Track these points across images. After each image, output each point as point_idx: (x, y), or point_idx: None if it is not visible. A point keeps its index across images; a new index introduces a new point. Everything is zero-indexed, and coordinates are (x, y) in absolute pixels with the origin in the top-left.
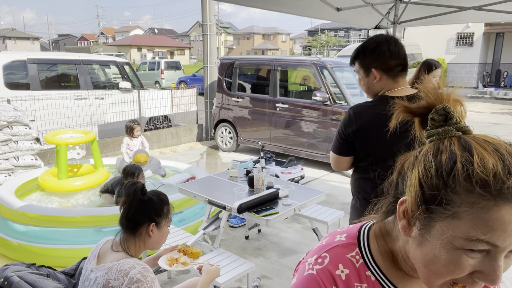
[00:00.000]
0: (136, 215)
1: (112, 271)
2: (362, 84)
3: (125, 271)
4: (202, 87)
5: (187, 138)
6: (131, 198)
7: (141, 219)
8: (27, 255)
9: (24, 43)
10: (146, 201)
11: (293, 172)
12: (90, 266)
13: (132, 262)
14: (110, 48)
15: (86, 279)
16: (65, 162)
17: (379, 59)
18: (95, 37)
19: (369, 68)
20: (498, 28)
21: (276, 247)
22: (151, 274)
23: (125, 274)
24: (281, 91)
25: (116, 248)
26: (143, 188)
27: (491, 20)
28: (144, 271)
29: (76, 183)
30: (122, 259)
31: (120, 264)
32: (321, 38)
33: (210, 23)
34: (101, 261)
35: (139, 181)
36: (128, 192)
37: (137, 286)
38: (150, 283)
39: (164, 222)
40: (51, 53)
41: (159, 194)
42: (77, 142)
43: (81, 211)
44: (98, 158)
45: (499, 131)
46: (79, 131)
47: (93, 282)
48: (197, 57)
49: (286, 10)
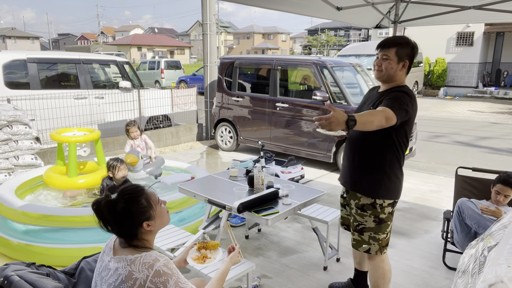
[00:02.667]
0: (122, 229)
1: (135, 263)
2: (389, 68)
3: (150, 264)
4: (202, 87)
5: (187, 137)
6: (104, 219)
7: (129, 228)
8: (27, 254)
9: (24, 43)
10: (119, 214)
11: (293, 171)
12: (106, 258)
13: (155, 255)
14: (110, 47)
15: (103, 269)
16: (75, 160)
17: (412, 55)
18: (95, 37)
19: (403, 57)
20: (498, 27)
21: (276, 247)
22: (174, 266)
23: (150, 267)
24: (281, 90)
25: (124, 244)
26: (109, 203)
27: (492, 20)
28: (169, 264)
29: (81, 181)
30: (144, 251)
31: (143, 257)
32: (321, 37)
33: (210, 22)
34: (117, 253)
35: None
36: (97, 214)
37: (165, 279)
38: (176, 275)
39: (153, 210)
40: (51, 52)
41: (127, 194)
42: (85, 140)
43: (81, 211)
44: (101, 156)
45: (499, 130)
46: (83, 129)
47: (113, 272)
48: (197, 56)
49: (286, 9)
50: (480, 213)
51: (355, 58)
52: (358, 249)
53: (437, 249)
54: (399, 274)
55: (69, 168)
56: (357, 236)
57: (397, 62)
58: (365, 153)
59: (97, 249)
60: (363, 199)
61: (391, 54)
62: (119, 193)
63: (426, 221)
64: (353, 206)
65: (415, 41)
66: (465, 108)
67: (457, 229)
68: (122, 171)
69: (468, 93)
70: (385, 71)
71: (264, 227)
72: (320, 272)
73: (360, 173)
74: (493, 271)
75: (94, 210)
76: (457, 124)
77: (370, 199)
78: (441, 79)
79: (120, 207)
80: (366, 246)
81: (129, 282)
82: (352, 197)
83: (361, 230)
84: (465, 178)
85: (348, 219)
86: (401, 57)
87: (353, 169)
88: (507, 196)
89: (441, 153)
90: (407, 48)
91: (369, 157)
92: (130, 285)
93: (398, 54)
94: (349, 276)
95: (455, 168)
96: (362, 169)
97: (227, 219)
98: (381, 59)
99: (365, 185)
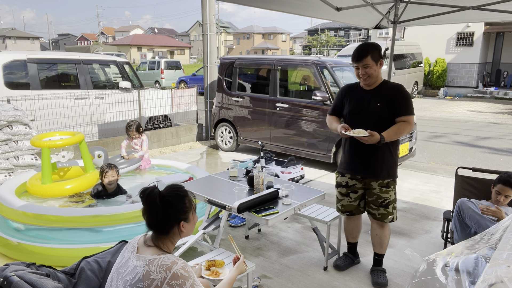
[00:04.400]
0: (163, 221)
1: (153, 264)
2: (373, 72)
3: (167, 266)
4: (202, 87)
5: (187, 137)
6: (152, 206)
7: (169, 222)
8: (27, 254)
9: (24, 43)
10: (167, 205)
11: (293, 171)
12: (128, 254)
13: (173, 258)
14: (110, 47)
15: (122, 265)
16: (48, 166)
17: (381, 53)
18: (95, 37)
19: (378, 59)
20: (498, 27)
21: (276, 247)
22: (191, 269)
23: (168, 269)
24: (281, 90)
25: (149, 243)
26: (160, 193)
27: (491, 20)
28: (186, 267)
29: (64, 187)
30: (162, 254)
31: (161, 259)
32: (321, 37)
33: (210, 23)
34: (139, 251)
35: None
36: (147, 200)
37: (182, 282)
38: (193, 278)
39: (191, 214)
40: (51, 52)
41: (176, 191)
42: (61, 145)
43: (81, 211)
44: (87, 160)
45: (499, 130)
46: (65, 133)
47: (131, 269)
48: (197, 56)
49: (286, 10)
50: (480, 213)
51: None
52: (384, 220)
53: (437, 249)
54: (399, 274)
55: (42, 175)
56: (382, 210)
57: (375, 64)
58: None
59: (97, 249)
60: (387, 179)
61: (369, 61)
62: (168, 187)
63: (426, 221)
64: (376, 187)
65: (373, 42)
66: (465, 108)
67: (457, 229)
68: (109, 178)
69: (468, 93)
70: (372, 76)
71: (264, 227)
72: (320, 272)
73: (382, 161)
74: (493, 271)
75: (146, 196)
76: (457, 124)
77: (390, 179)
78: (441, 79)
79: (167, 199)
80: (391, 217)
81: (146, 281)
82: (373, 180)
83: (386, 204)
84: (465, 178)
85: (352, 205)
86: (376, 59)
87: (373, 158)
88: (508, 197)
89: (441, 153)
90: (376, 51)
91: (387, 147)
92: (147, 285)
93: (373, 58)
94: (350, 274)
95: (455, 168)
96: (383, 157)
97: (227, 219)
98: (362, 68)
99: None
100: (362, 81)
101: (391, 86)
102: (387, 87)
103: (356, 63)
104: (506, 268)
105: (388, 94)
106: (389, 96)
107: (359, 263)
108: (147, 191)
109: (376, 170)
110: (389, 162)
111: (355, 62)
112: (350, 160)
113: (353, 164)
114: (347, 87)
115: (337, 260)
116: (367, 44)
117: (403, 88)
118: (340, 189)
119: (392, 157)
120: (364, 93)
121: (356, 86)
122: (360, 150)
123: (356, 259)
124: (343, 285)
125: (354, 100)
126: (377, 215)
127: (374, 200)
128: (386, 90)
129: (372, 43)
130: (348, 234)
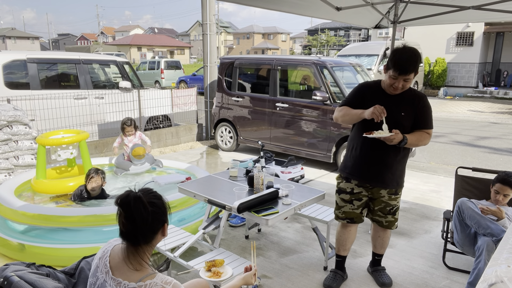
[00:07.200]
0: (152, 226)
1: None
2: (409, 84)
3: None
4: (202, 87)
5: (187, 137)
6: (140, 211)
7: (156, 227)
8: (27, 254)
9: (24, 43)
10: (155, 208)
11: (293, 171)
12: (102, 275)
13: (160, 282)
14: (110, 47)
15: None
16: (43, 163)
17: None
18: (95, 37)
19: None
20: (498, 27)
21: (276, 247)
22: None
23: None
24: (281, 90)
25: (133, 266)
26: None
27: (491, 20)
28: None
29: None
30: (148, 280)
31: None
32: (321, 37)
33: (210, 23)
34: (116, 272)
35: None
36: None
37: None
38: None
39: (168, 216)
40: (51, 52)
41: (153, 192)
42: (60, 143)
43: (81, 211)
44: (86, 159)
45: (499, 130)
46: (69, 131)
47: None
48: (197, 56)
49: (286, 10)
50: (480, 213)
51: (355, 58)
52: (391, 228)
53: (437, 249)
54: (399, 274)
55: (36, 171)
56: (390, 217)
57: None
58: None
59: (97, 249)
60: (396, 187)
61: (411, 76)
62: (146, 191)
63: (426, 221)
64: (385, 195)
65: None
66: (465, 108)
67: (457, 229)
68: (92, 184)
69: (468, 93)
70: (405, 88)
71: (264, 227)
72: (320, 272)
73: (395, 172)
74: (493, 271)
75: (123, 203)
76: (457, 124)
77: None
78: (441, 79)
79: (153, 202)
80: (396, 223)
81: None
82: (383, 188)
83: (394, 211)
84: (465, 178)
85: (355, 213)
86: (416, 72)
87: (389, 168)
88: (506, 196)
89: (441, 153)
90: (419, 64)
91: (405, 158)
92: None
93: (415, 72)
94: (349, 274)
95: (455, 168)
96: (398, 168)
97: (227, 219)
98: (401, 81)
99: (398, 181)
100: (393, 90)
101: (415, 95)
102: (411, 94)
103: (399, 75)
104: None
105: (413, 104)
106: (414, 106)
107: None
108: (130, 197)
109: (389, 180)
110: (402, 172)
111: (398, 74)
112: (362, 167)
113: (365, 172)
114: (368, 86)
115: (327, 280)
116: (415, 55)
117: (427, 100)
118: (343, 196)
119: (404, 167)
120: (387, 98)
121: (377, 87)
122: (376, 158)
123: (344, 275)
124: (343, 285)
125: (377, 104)
126: (384, 223)
127: (383, 208)
128: (410, 99)
129: (418, 53)
130: (341, 245)
